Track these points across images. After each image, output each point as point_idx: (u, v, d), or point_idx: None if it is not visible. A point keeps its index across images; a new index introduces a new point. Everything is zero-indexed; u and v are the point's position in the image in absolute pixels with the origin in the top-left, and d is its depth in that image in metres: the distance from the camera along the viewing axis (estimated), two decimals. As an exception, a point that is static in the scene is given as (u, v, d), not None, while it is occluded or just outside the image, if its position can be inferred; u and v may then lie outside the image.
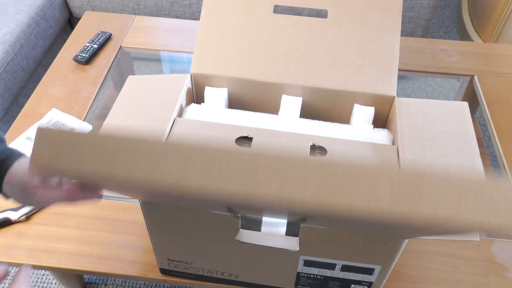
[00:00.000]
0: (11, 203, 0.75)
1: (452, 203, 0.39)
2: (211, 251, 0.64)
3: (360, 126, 0.77)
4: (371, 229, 0.54)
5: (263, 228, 0.64)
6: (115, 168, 0.42)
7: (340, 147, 0.70)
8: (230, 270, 0.67)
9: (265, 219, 0.64)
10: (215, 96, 0.81)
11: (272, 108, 0.81)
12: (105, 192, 0.63)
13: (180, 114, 0.78)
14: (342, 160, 0.42)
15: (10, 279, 1.06)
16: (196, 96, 0.86)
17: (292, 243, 0.60)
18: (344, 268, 0.62)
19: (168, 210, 0.60)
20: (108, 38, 1.12)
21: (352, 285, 0.65)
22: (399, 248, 0.57)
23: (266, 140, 0.71)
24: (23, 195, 0.52)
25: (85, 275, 1.07)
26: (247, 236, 0.61)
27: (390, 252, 0.58)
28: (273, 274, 0.66)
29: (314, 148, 0.72)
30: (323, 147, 0.70)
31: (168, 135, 0.72)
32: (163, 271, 0.71)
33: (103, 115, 0.77)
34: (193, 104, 0.81)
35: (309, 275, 0.64)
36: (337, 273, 0.63)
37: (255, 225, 0.64)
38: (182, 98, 0.79)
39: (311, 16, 0.83)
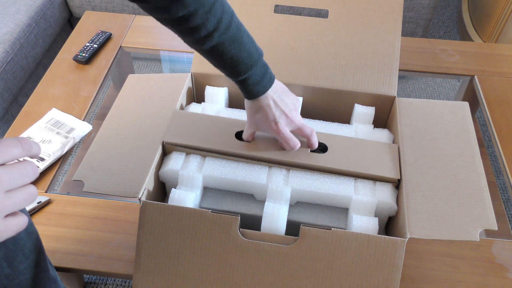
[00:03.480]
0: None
1: None
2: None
3: (360, 126, 0.76)
4: None
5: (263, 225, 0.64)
6: None
7: (340, 144, 0.70)
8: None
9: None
10: (216, 95, 0.81)
11: (272, 108, 0.81)
12: (105, 192, 0.63)
13: (180, 113, 0.79)
14: None
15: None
16: (196, 95, 0.86)
17: None
18: None
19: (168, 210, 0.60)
20: (108, 38, 1.11)
21: None
22: None
23: (265, 134, 0.71)
24: None
25: (85, 275, 1.07)
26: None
27: None
28: None
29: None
30: (323, 144, 0.70)
31: (168, 127, 0.71)
32: None
33: (103, 115, 0.77)
34: (193, 103, 0.81)
35: None
36: None
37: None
38: (182, 97, 0.78)
39: (312, 16, 0.83)
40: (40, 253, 0.56)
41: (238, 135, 0.71)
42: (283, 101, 0.64)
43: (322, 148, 0.71)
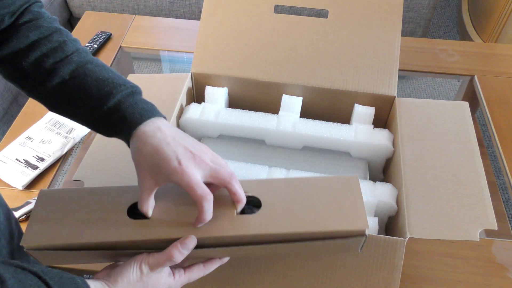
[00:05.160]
0: (15, 201, 0.75)
1: None
2: None
3: (360, 126, 0.76)
4: None
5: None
6: None
7: (278, 192, 0.49)
8: None
9: None
10: (216, 95, 0.81)
11: (272, 107, 0.81)
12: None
13: (180, 113, 0.78)
14: None
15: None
16: (196, 95, 0.86)
17: None
18: None
19: None
20: (108, 38, 1.11)
21: None
22: None
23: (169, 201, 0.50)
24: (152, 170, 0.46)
25: (85, 275, 1.07)
26: None
27: None
28: None
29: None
30: (254, 197, 0.49)
31: (29, 223, 0.49)
32: None
33: (103, 115, 0.77)
34: (193, 103, 0.81)
35: None
36: None
37: None
38: (182, 97, 0.79)
39: (312, 16, 0.83)
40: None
41: (132, 211, 0.49)
42: (184, 139, 0.47)
43: (253, 203, 0.49)
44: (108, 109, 0.48)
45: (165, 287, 0.46)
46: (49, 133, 0.87)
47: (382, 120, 0.80)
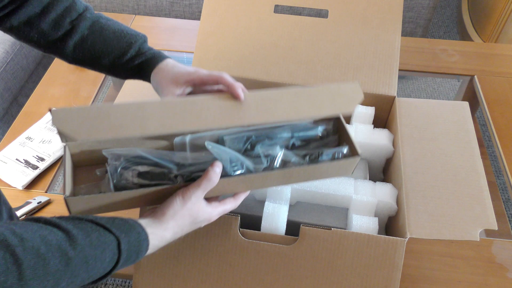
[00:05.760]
0: (15, 201, 0.75)
1: None
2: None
3: (360, 126, 0.76)
4: None
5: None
6: None
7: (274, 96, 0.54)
8: None
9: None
10: (215, 96, 0.81)
11: (272, 108, 0.81)
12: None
13: (180, 113, 0.78)
14: None
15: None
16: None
17: None
18: None
19: None
20: (108, 38, 1.11)
21: None
22: None
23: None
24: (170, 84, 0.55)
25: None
26: None
27: None
28: None
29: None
30: None
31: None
32: None
33: (103, 115, 0.77)
34: (193, 104, 0.81)
35: None
36: None
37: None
38: (182, 98, 0.78)
39: (312, 16, 0.83)
40: None
41: None
42: None
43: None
44: (131, 56, 0.57)
45: (206, 214, 0.53)
46: (49, 133, 0.87)
47: (382, 120, 0.80)
